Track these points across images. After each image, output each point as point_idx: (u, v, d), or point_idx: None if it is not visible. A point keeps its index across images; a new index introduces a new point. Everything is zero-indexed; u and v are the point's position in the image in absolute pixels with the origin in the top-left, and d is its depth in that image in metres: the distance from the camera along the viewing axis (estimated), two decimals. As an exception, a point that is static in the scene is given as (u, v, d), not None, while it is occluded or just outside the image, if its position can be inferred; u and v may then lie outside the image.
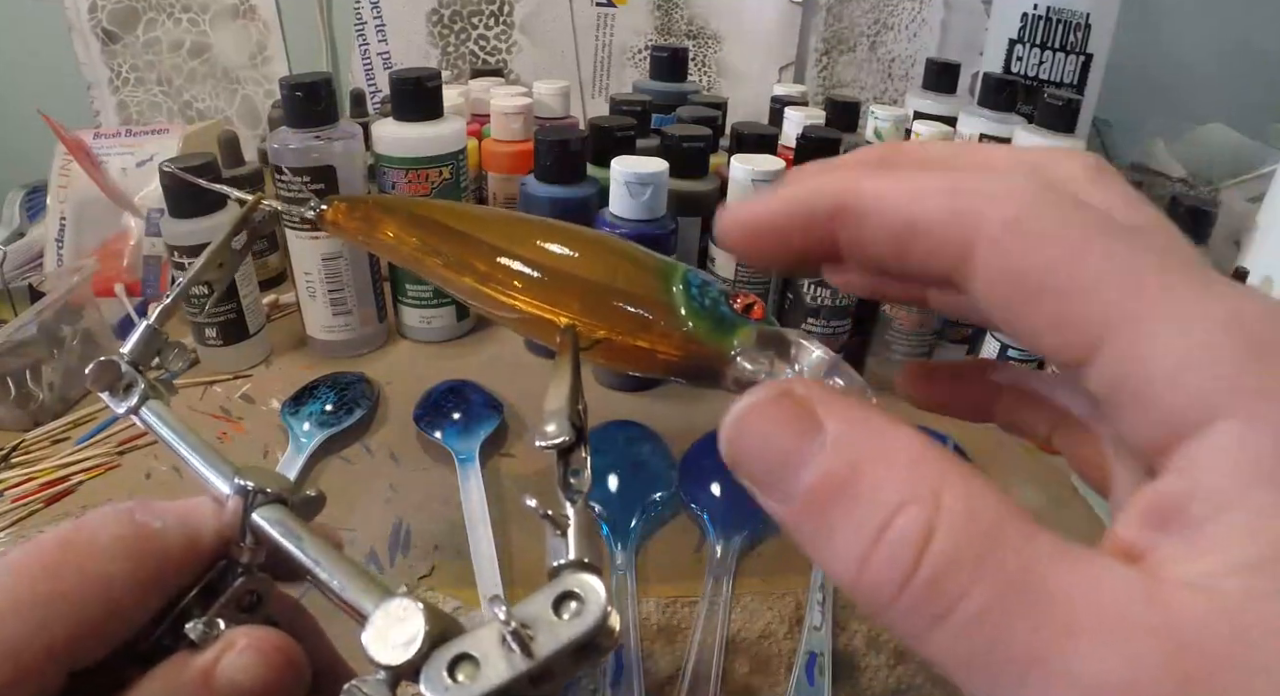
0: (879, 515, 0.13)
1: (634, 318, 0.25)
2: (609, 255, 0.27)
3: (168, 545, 0.20)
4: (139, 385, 0.26)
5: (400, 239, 0.31)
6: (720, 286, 0.25)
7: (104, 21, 0.91)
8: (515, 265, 0.27)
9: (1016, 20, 0.81)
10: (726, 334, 0.23)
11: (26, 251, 0.71)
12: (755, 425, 0.14)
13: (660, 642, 0.38)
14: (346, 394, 0.52)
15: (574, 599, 0.16)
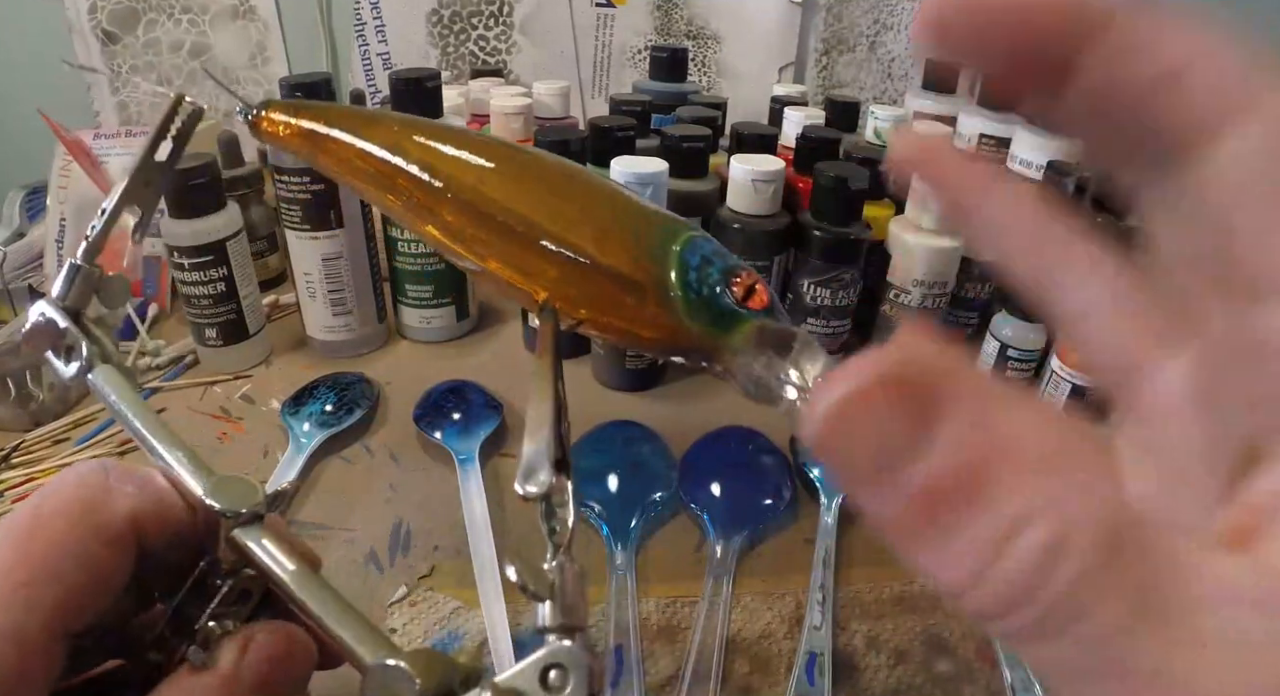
0: (1002, 525, 0.11)
1: (620, 300, 0.22)
2: (600, 212, 0.23)
3: (138, 508, 0.20)
4: (82, 346, 0.24)
5: (347, 166, 0.26)
6: (721, 263, 0.22)
7: (104, 22, 0.91)
8: (487, 217, 0.23)
9: (1016, 20, 0.81)
10: (723, 329, 0.21)
11: (26, 252, 0.71)
12: (864, 410, 0.12)
13: (660, 642, 0.38)
14: (346, 394, 0.52)
15: (559, 669, 0.17)
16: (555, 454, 0.20)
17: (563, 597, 0.18)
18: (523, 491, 0.19)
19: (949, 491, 0.12)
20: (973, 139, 0.71)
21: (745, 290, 0.22)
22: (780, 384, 0.19)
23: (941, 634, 0.39)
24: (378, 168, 0.26)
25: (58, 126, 0.68)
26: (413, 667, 0.17)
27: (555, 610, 0.17)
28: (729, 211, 0.53)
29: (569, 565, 0.18)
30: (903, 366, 0.12)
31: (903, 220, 0.55)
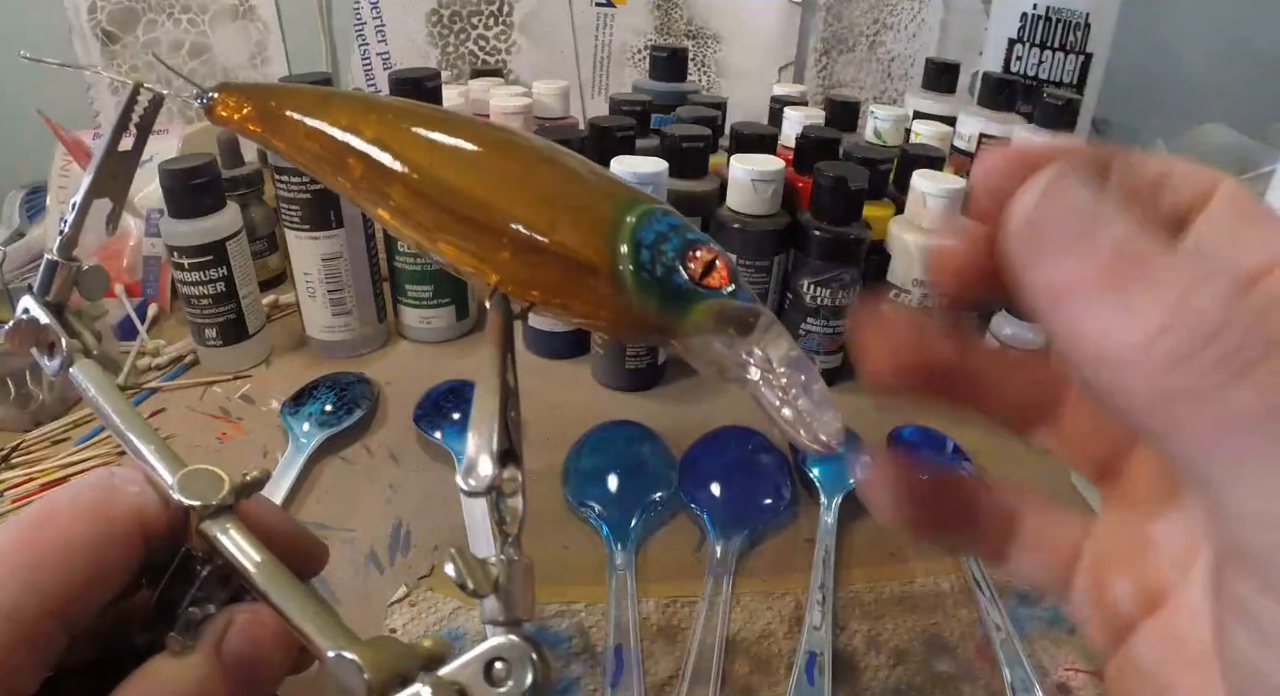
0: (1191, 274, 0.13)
1: (572, 281, 0.21)
2: (552, 188, 0.22)
3: (142, 506, 0.21)
4: (61, 341, 0.24)
5: (299, 148, 0.26)
6: (678, 239, 0.20)
7: (104, 22, 0.91)
8: (435, 198, 0.22)
9: (1016, 20, 0.81)
10: (678, 312, 0.20)
11: (26, 252, 0.71)
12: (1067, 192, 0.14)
13: (660, 642, 0.38)
14: (346, 394, 0.52)
15: (503, 662, 0.17)
16: (501, 445, 0.19)
17: (508, 591, 0.18)
18: (465, 486, 0.19)
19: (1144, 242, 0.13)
20: (973, 139, 0.71)
21: (703, 267, 0.20)
22: (742, 365, 0.19)
23: (941, 634, 0.39)
24: (327, 147, 0.25)
25: (57, 127, 0.68)
26: (363, 659, 0.17)
27: (499, 604, 0.17)
28: (729, 211, 0.53)
29: (517, 558, 0.18)
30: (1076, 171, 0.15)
31: (902, 220, 0.55)
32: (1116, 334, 0.13)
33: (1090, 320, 0.13)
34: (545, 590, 0.40)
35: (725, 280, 0.20)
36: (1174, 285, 0.13)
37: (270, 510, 0.24)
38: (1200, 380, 0.12)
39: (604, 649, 0.37)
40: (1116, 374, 0.13)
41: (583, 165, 0.23)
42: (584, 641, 0.38)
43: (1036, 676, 0.36)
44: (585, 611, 0.39)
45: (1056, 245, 0.14)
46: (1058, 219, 0.14)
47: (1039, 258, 0.14)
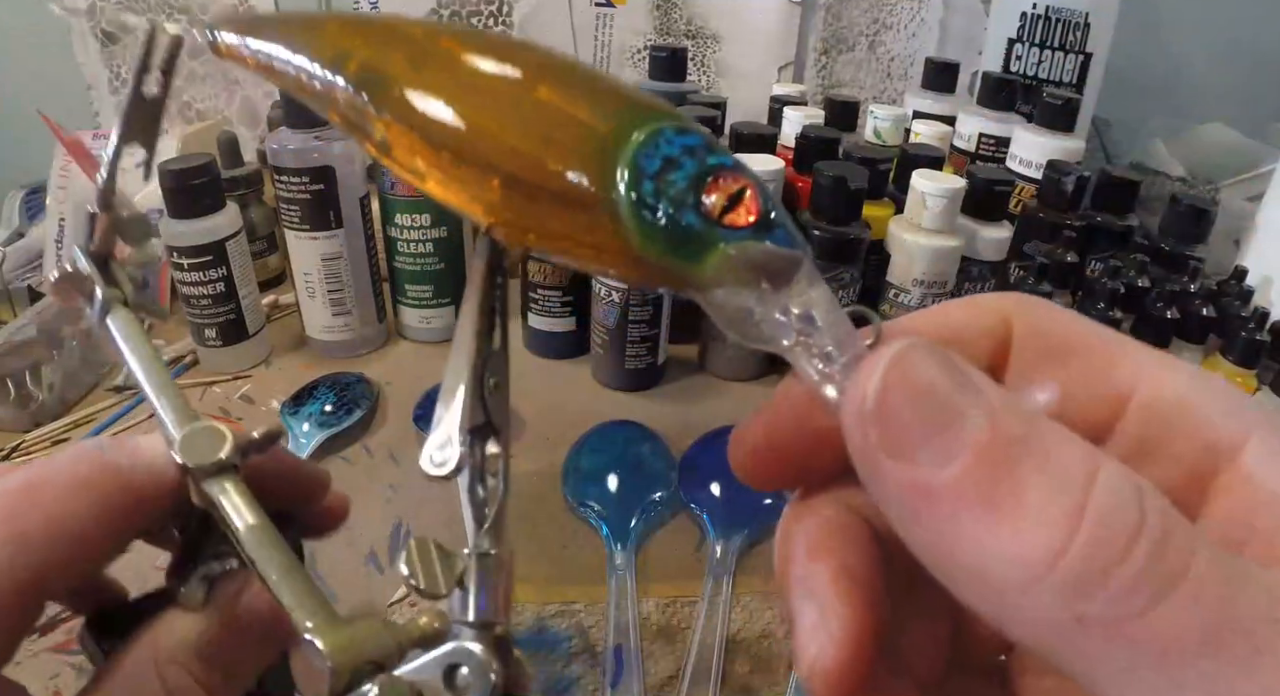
0: (1082, 467, 0.11)
1: (566, 220, 0.17)
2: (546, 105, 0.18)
3: (128, 478, 0.20)
4: (97, 290, 0.24)
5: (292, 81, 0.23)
6: (694, 165, 0.16)
7: (103, 23, 0.91)
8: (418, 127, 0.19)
9: (1015, 19, 0.81)
10: (692, 259, 0.16)
11: (26, 252, 0.71)
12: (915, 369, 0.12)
13: (660, 642, 0.38)
14: (346, 394, 0.52)
15: (463, 667, 0.15)
16: (473, 418, 0.16)
17: (477, 589, 0.16)
18: (429, 470, 0.15)
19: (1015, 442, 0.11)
20: (972, 138, 0.71)
21: (727, 199, 0.16)
22: (773, 325, 0.15)
23: (941, 633, 0.39)
24: (313, 80, 0.23)
25: (57, 127, 0.68)
26: (328, 645, 0.16)
27: (465, 603, 0.16)
28: (728, 211, 0.53)
29: (493, 551, 0.16)
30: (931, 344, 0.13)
31: (902, 220, 0.55)
32: (999, 554, 0.11)
33: (962, 536, 0.11)
34: (545, 590, 0.40)
35: (755, 215, 0.16)
36: (1065, 485, 0.11)
37: (291, 463, 0.23)
38: (1115, 606, 0.10)
39: (604, 649, 0.37)
40: (1003, 599, 0.11)
41: (587, 77, 0.19)
42: (584, 641, 0.38)
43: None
44: (585, 611, 0.39)
45: (909, 441, 0.12)
46: (908, 407, 0.12)
47: (887, 457, 0.12)
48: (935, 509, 0.11)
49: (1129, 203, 0.61)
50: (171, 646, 0.19)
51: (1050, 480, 0.11)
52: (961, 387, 0.12)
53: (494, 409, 0.17)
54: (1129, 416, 0.14)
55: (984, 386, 0.12)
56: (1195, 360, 0.51)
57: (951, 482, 0.11)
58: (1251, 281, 0.57)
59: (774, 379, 0.58)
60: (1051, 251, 0.54)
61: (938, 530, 0.11)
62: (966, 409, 0.11)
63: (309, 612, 0.17)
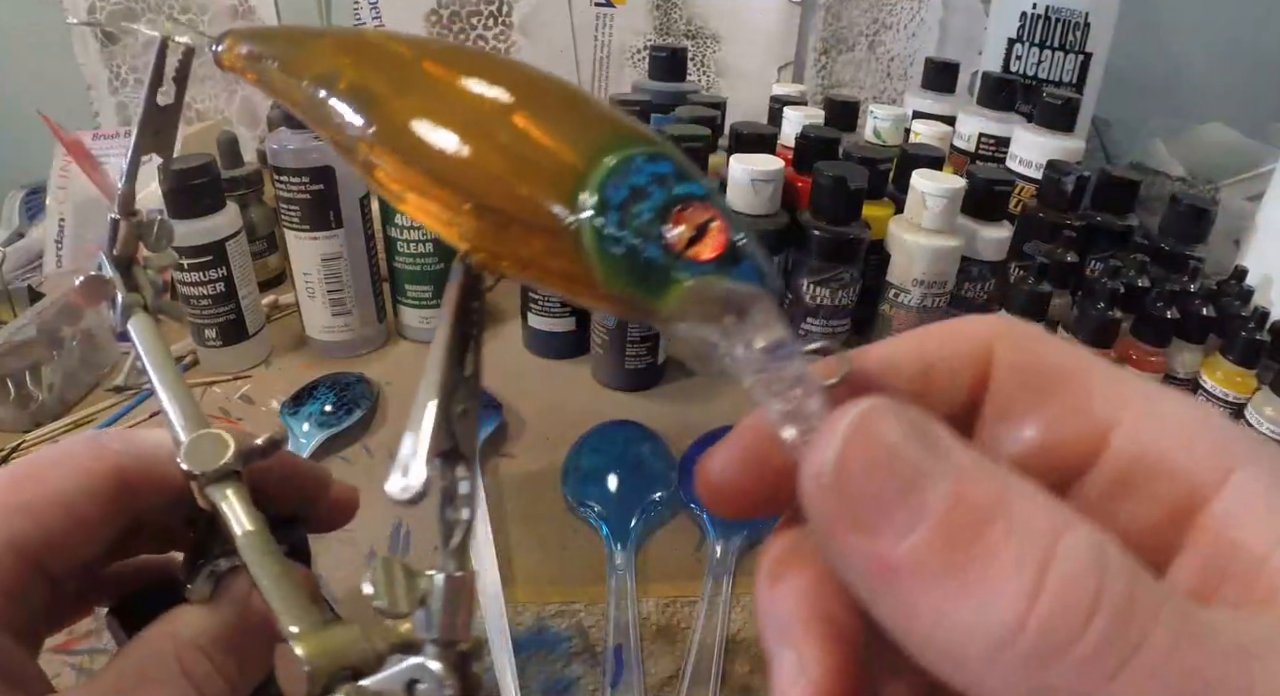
0: (1045, 537, 0.10)
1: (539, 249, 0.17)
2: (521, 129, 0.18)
3: (124, 465, 0.21)
4: (118, 295, 0.26)
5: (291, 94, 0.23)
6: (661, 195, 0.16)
7: (103, 22, 0.91)
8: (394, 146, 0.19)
9: (1015, 19, 0.81)
10: (654, 292, 0.16)
11: (26, 252, 0.71)
12: (878, 436, 0.11)
13: (660, 642, 0.38)
14: (346, 394, 0.52)
15: (422, 683, 0.16)
16: (439, 445, 0.16)
17: (438, 609, 0.16)
18: (393, 494, 0.15)
19: (979, 513, 0.11)
20: (972, 138, 0.71)
21: (693, 231, 0.16)
22: (734, 360, 0.15)
23: (941, 633, 0.39)
24: (305, 100, 0.23)
25: (57, 127, 0.68)
26: (306, 651, 0.17)
27: (428, 622, 0.16)
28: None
29: (456, 572, 0.16)
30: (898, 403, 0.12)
31: (902, 220, 0.55)
32: (961, 626, 0.10)
33: (924, 608, 0.11)
34: (545, 590, 0.40)
35: (720, 249, 0.16)
36: (1027, 555, 0.10)
37: (293, 464, 0.24)
38: (1076, 678, 0.10)
39: (604, 649, 0.37)
40: (967, 669, 0.11)
41: (567, 100, 0.19)
42: (584, 641, 0.38)
43: None
44: (585, 611, 0.39)
45: (869, 514, 0.11)
46: (868, 478, 0.11)
47: (849, 525, 0.11)
48: (897, 582, 0.11)
49: (1129, 203, 0.61)
50: (191, 634, 0.20)
51: (1013, 549, 0.10)
52: (925, 451, 0.11)
53: (461, 436, 0.17)
54: (1110, 451, 0.14)
55: (950, 448, 0.12)
56: (1195, 360, 0.51)
57: (913, 555, 0.11)
58: (1251, 281, 0.57)
59: (774, 379, 0.58)
60: (1051, 251, 0.54)
61: (900, 602, 0.11)
62: (929, 476, 0.11)
63: (294, 618, 0.18)
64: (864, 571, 0.11)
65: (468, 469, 0.17)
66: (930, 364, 0.16)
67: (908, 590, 0.11)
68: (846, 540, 0.12)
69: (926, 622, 0.11)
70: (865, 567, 0.11)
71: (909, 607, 0.11)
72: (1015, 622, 0.10)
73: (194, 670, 0.20)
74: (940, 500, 0.11)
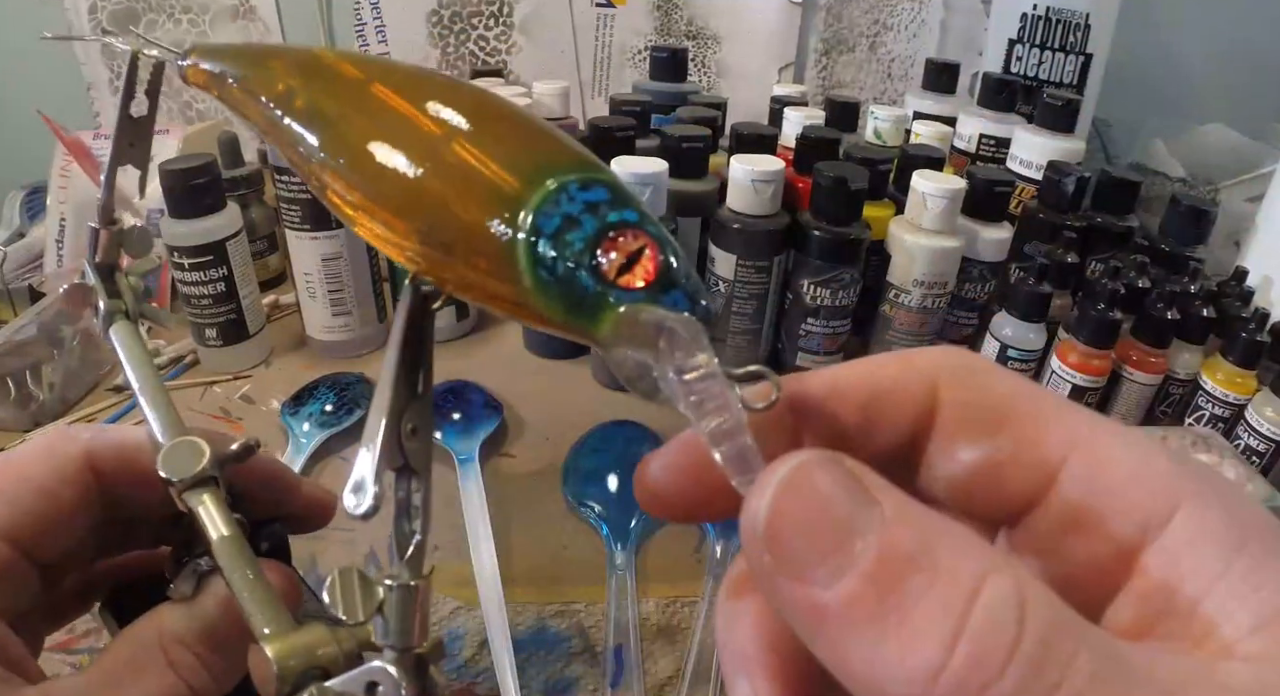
0: (967, 583, 0.11)
1: (479, 272, 0.17)
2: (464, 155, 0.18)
3: (93, 450, 0.22)
4: (100, 302, 0.26)
5: (249, 116, 0.24)
6: (593, 223, 0.16)
7: (104, 22, 0.91)
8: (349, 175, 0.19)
9: (1016, 20, 0.81)
10: (588, 318, 0.16)
11: (26, 252, 0.71)
12: (806, 492, 0.12)
13: (660, 642, 0.38)
14: (346, 394, 0.52)
15: (380, 686, 0.17)
16: (391, 462, 0.17)
17: (393, 617, 0.17)
18: (348, 508, 0.16)
19: (906, 560, 0.11)
20: (972, 139, 0.71)
21: (626, 258, 0.16)
22: (668, 385, 0.15)
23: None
24: (264, 119, 0.23)
25: (57, 127, 0.68)
26: (275, 652, 0.17)
27: (385, 629, 0.17)
28: (729, 211, 0.53)
29: (411, 581, 0.18)
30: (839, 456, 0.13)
31: (903, 220, 0.55)
32: (886, 670, 0.11)
33: (852, 652, 0.11)
34: (545, 590, 0.40)
35: (650, 277, 0.16)
36: (948, 604, 0.11)
37: (276, 468, 0.25)
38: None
39: (604, 649, 0.37)
40: None
41: (511, 126, 0.19)
42: (584, 641, 0.38)
43: None
44: (585, 611, 0.39)
45: (799, 563, 0.12)
46: (798, 532, 0.12)
47: (782, 572, 0.12)
48: (827, 625, 0.12)
49: (1129, 203, 0.61)
50: (176, 628, 0.21)
51: (935, 598, 0.11)
52: (855, 503, 0.12)
53: (412, 453, 0.18)
54: (1059, 487, 0.14)
55: (880, 497, 0.12)
56: (1195, 361, 0.51)
57: (841, 602, 0.11)
58: (1252, 282, 0.57)
59: (774, 379, 0.58)
60: (1052, 252, 0.54)
61: (832, 643, 0.12)
62: (857, 527, 0.12)
63: (265, 620, 0.19)
64: (797, 614, 0.12)
65: (420, 484, 0.18)
66: (876, 395, 0.16)
67: (838, 633, 0.12)
68: (780, 585, 0.12)
69: (856, 664, 0.11)
70: (798, 611, 0.12)
71: (840, 649, 0.12)
72: (933, 670, 0.11)
73: (179, 662, 0.20)
74: (867, 550, 0.11)
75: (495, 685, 0.35)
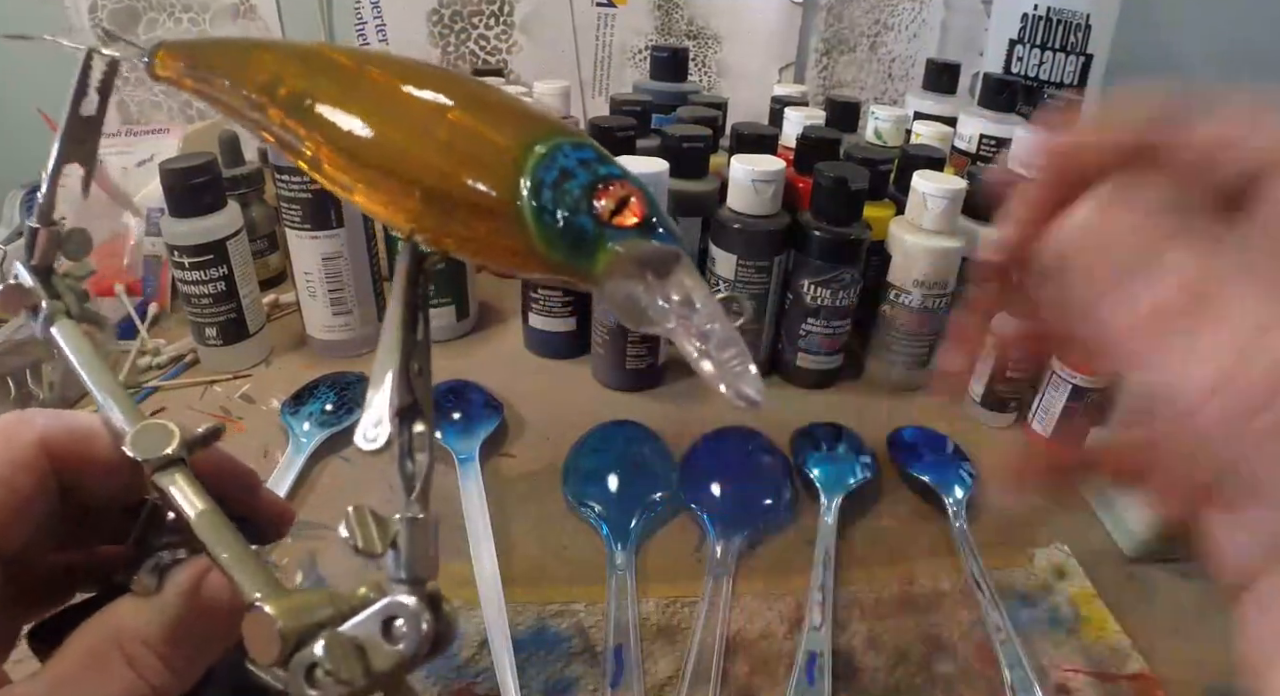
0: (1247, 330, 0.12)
1: (479, 226, 0.20)
2: (459, 127, 0.21)
3: (49, 434, 0.22)
4: (42, 303, 0.26)
5: (229, 103, 0.26)
6: (586, 176, 0.19)
7: (104, 21, 0.91)
8: (345, 147, 0.22)
9: (1017, 20, 0.81)
10: (586, 256, 0.19)
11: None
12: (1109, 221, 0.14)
13: (660, 642, 0.38)
14: (346, 394, 0.52)
15: (398, 619, 0.17)
16: (402, 400, 0.19)
17: (408, 550, 0.18)
18: (362, 444, 0.18)
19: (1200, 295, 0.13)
20: (973, 139, 0.71)
21: (615, 204, 0.19)
22: (657, 311, 0.17)
23: (941, 634, 0.39)
24: (249, 101, 0.25)
25: (57, 126, 0.68)
26: (277, 609, 0.17)
27: (398, 562, 0.18)
28: (729, 211, 0.53)
29: (421, 516, 0.18)
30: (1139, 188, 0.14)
31: (903, 220, 0.55)
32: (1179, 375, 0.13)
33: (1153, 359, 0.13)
34: (545, 590, 0.40)
35: (639, 217, 0.19)
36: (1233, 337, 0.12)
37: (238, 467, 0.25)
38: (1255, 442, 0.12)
39: (604, 649, 0.37)
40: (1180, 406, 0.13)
41: (494, 100, 0.22)
42: (584, 641, 0.38)
43: (1036, 677, 0.36)
44: (585, 611, 0.39)
45: (1116, 275, 0.14)
46: (1116, 245, 0.14)
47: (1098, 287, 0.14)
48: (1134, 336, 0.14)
49: (1130, 204, 0.61)
50: (135, 627, 0.20)
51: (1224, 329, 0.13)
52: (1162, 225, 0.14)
53: (419, 391, 0.19)
54: None
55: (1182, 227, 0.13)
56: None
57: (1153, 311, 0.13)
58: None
59: (774, 379, 0.58)
60: (1052, 252, 0.54)
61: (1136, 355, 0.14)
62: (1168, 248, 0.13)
63: (257, 584, 0.19)
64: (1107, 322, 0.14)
65: (424, 421, 0.19)
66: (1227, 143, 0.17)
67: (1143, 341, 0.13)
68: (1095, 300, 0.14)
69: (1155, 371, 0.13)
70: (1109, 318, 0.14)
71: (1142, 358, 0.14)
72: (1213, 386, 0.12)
73: (138, 660, 0.20)
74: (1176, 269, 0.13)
75: (495, 685, 0.35)
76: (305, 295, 0.56)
